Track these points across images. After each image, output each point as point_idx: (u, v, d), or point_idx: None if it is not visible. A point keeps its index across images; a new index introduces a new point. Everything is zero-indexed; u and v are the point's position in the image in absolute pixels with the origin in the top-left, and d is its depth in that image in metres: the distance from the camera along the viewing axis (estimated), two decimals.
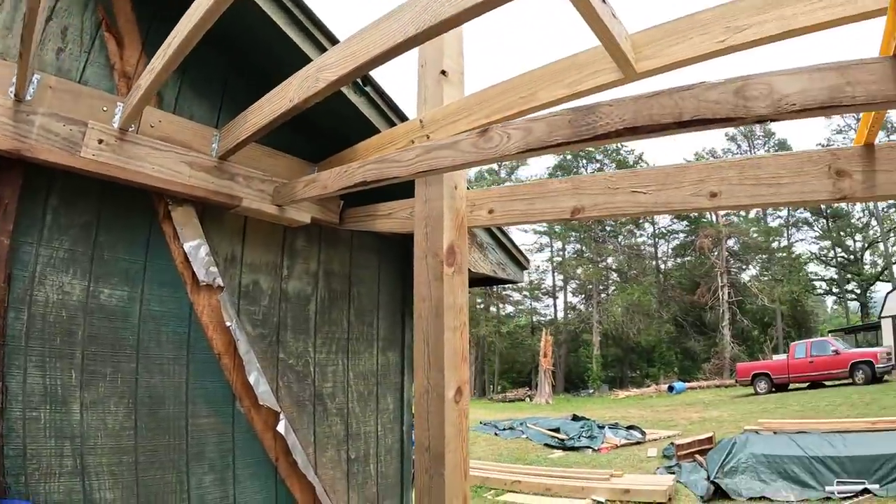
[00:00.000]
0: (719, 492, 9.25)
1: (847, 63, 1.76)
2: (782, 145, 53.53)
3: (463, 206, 3.04)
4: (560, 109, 2.15)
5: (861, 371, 24.47)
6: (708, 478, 9.71)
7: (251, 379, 3.14)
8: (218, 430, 3.04)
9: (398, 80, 4.52)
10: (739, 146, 54.54)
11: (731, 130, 51.99)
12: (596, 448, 14.41)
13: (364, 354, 4.01)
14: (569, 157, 53.71)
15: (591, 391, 41.52)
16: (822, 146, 50.53)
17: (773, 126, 49.63)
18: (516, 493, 9.86)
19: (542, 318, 58.25)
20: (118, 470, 2.64)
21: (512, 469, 11.43)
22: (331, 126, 3.61)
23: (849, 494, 8.55)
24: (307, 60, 2.71)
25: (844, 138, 48.08)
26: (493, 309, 55.21)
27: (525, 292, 56.57)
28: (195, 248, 3.00)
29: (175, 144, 2.88)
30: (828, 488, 8.76)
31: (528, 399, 37.98)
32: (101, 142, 2.58)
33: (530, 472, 11.00)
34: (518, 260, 4.72)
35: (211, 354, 3.05)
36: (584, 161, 56.04)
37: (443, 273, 2.83)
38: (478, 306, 52.37)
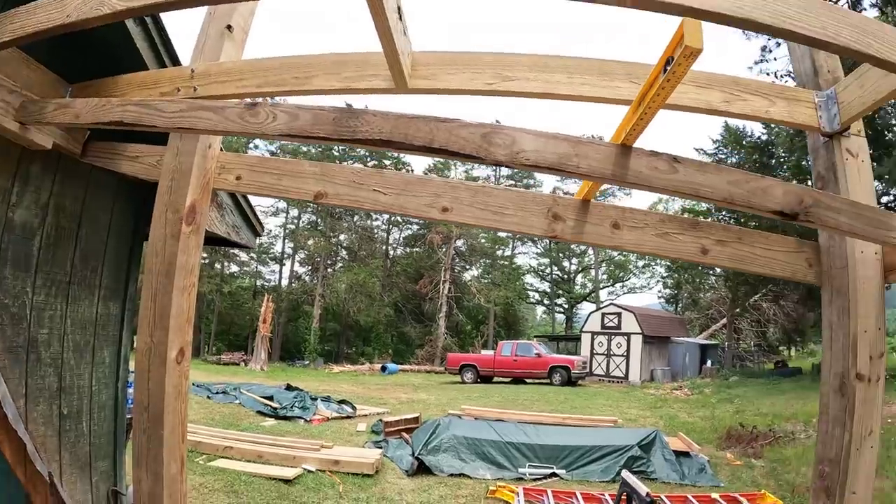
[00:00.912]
0: (423, 467, 9.83)
1: (581, 139, 2.14)
2: None
3: (213, 166, 2.99)
4: (328, 106, 2.25)
5: (559, 374, 28.26)
6: (413, 454, 10.29)
7: None
8: None
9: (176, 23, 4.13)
10: None
11: None
12: (308, 419, 14.55)
13: (84, 302, 3.62)
14: None
15: (306, 363, 41.66)
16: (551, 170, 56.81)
17: None
18: (228, 458, 9.59)
19: (266, 283, 56.98)
20: None
21: (225, 434, 11.09)
22: (96, 47, 3.22)
23: (538, 476, 9.70)
24: None
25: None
26: (217, 266, 52.70)
27: (252, 254, 54.86)
28: None
29: None
30: (520, 470, 9.85)
31: (243, 364, 37.02)
32: None
33: (243, 439, 10.77)
34: (254, 226, 4.70)
35: None
36: None
37: (180, 231, 2.77)
38: (203, 261, 49.30)
